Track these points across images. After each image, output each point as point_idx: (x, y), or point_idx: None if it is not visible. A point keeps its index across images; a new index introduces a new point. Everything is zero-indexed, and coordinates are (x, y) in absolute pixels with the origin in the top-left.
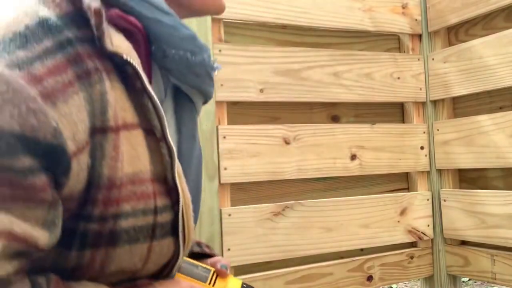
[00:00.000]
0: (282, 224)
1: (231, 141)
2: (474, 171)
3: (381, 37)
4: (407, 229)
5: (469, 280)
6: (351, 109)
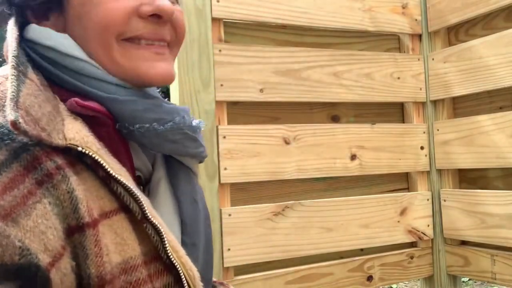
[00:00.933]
0: (282, 224)
1: (231, 141)
2: (474, 171)
3: (381, 37)
4: (407, 229)
5: (469, 280)
6: (351, 109)
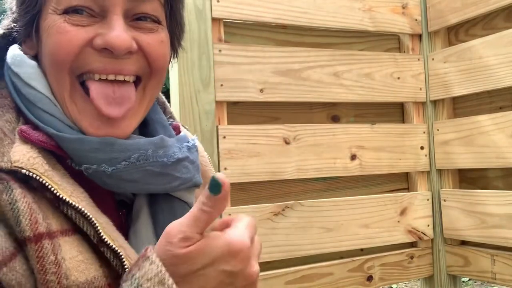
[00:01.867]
0: (282, 224)
1: (231, 141)
2: (474, 171)
3: (381, 37)
4: (407, 229)
5: (469, 280)
6: (351, 109)
